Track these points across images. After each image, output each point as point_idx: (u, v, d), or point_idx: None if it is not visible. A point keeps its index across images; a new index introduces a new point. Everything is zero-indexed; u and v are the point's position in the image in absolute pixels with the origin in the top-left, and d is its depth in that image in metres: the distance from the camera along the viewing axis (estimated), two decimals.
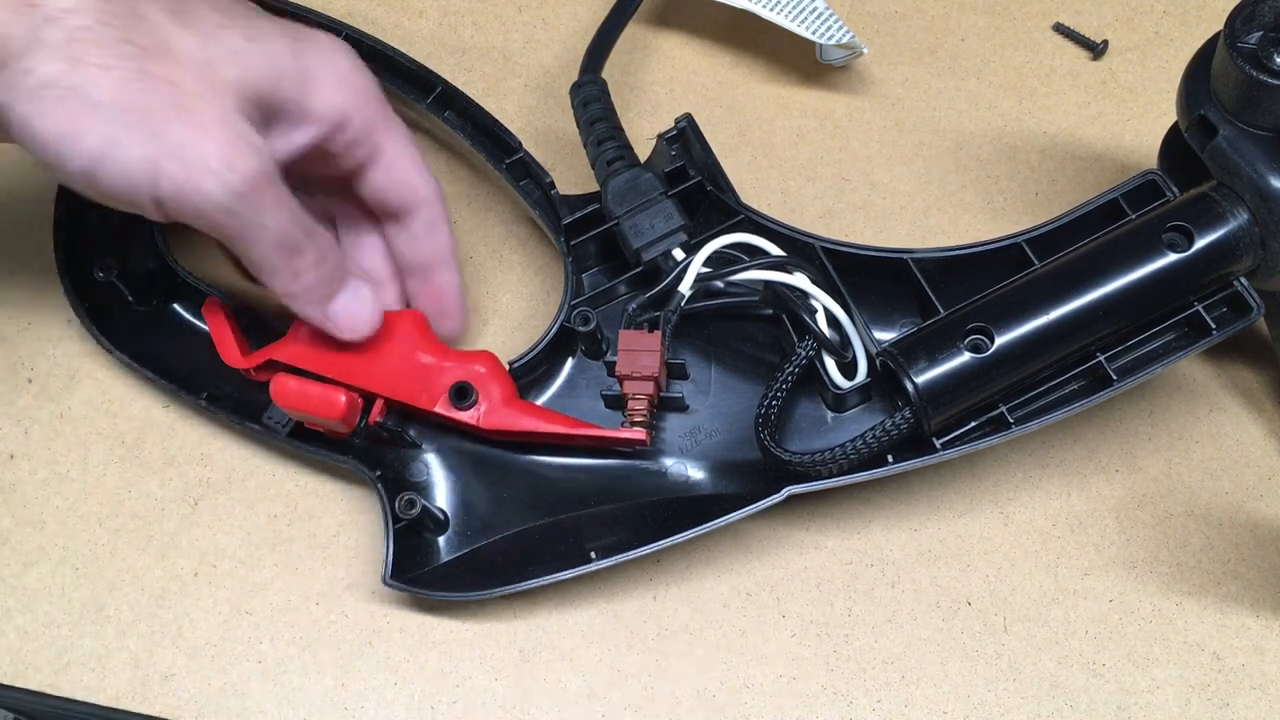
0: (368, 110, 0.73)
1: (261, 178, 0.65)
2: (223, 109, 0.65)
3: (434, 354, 0.77)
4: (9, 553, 0.79)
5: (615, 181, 0.79)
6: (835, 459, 0.71)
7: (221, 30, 0.67)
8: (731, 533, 0.79)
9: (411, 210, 0.77)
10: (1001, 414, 0.72)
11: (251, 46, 0.68)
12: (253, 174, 0.65)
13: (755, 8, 0.89)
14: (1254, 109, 0.69)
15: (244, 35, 0.68)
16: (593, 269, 0.82)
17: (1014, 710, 0.75)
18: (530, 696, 0.76)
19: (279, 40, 0.69)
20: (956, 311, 0.72)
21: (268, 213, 0.67)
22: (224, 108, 0.65)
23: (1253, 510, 0.80)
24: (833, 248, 0.77)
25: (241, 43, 0.67)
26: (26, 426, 0.83)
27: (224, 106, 0.65)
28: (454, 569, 0.76)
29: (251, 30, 0.69)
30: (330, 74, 0.71)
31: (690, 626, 0.77)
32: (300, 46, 0.70)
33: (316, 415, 0.74)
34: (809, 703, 0.75)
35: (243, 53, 0.67)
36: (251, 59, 0.67)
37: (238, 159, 0.64)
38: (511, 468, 0.78)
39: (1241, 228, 0.70)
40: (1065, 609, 0.77)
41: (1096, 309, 0.70)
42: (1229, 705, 0.75)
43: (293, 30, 0.71)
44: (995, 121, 0.92)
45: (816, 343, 0.74)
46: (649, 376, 0.73)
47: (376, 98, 0.74)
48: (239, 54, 0.67)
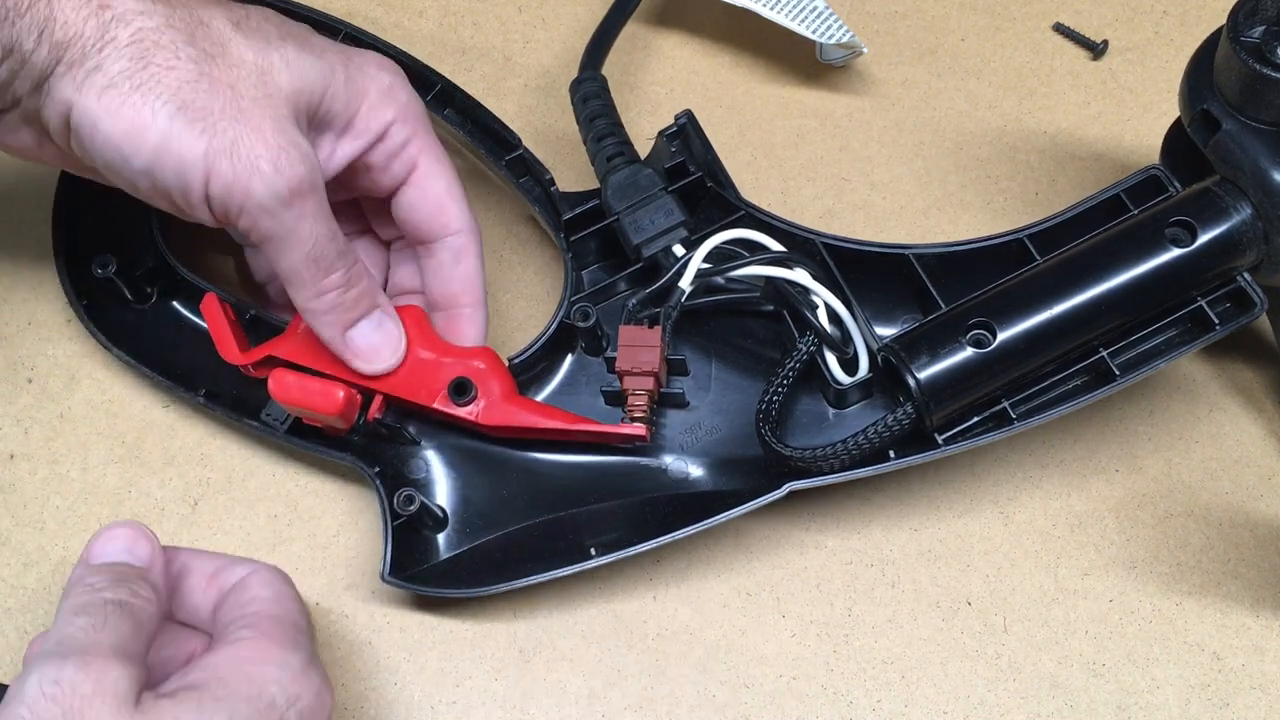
0: (409, 124, 0.74)
1: (306, 185, 0.67)
2: (276, 114, 0.67)
3: (433, 350, 0.76)
4: (9, 553, 0.79)
5: (615, 177, 0.79)
6: (837, 454, 0.71)
7: (279, 41, 0.69)
8: (732, 533, 0.79)
9: (441, 236, 0.77)
10: (1004, 409, 0.72)
11: (306, 58, 0.70)
12: (299, 179, 0.67)
13: (755, 7, 0.89)
14: (1257, 103, 0.69)
15: (299, 47, 0.70)
16: (592, 265, 0.82)
17: (1014, 710, 0.75)
18: (530, 696, 0.76)
19: (332, 54, 0.72)
20: (958, 307, 0.72)
21: (307, 221, 0.68)
22: (277, 113, 0.67)
23: (1253, 510, 0.80)
24: (834, 243, 0.77)
25: (297, 54, 0.69)
26: (26, 426, 0.83)
27: (278, 112, 0.67)
28: (453, 566, 0.76)
29: (306, 44, 0.71)
30: (377, 88, 0.73)
31: (690, 626, 0.77)
32: (351, 62, 0.73)
33: (315, 410, 0.74)
34: (809, 703, 0.75)
35: (297, 63, 0.69)
36: (306, 69, 0.69)
37: (286, 163, 0.66)
38: (511, 464, 0.78)
39: (1245, 222, 0.70)
40: (1065, 609, 0.77)
41: (1099, 304, 0.70)
42: (1229, 705, 0.75)
43: (345, 48, 0.74)
44: (995, 121, 0.92)
45: (818, 338, 0.74)
46: (649, 372, 0.73)
47: (419, 115, 0.75)
48: (294, 64, 0.69)
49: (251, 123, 0.66)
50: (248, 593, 0.70)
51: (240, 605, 0.69)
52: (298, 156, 0.67)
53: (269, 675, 0.64)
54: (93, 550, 0.67)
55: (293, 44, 0.70)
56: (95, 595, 0.63)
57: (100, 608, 0.62)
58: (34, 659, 0.60)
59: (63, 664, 0.59)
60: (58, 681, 0.58)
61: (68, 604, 0.63)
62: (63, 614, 0.63)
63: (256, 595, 0.69)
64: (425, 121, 0.76)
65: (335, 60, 0.71)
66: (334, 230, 0.70)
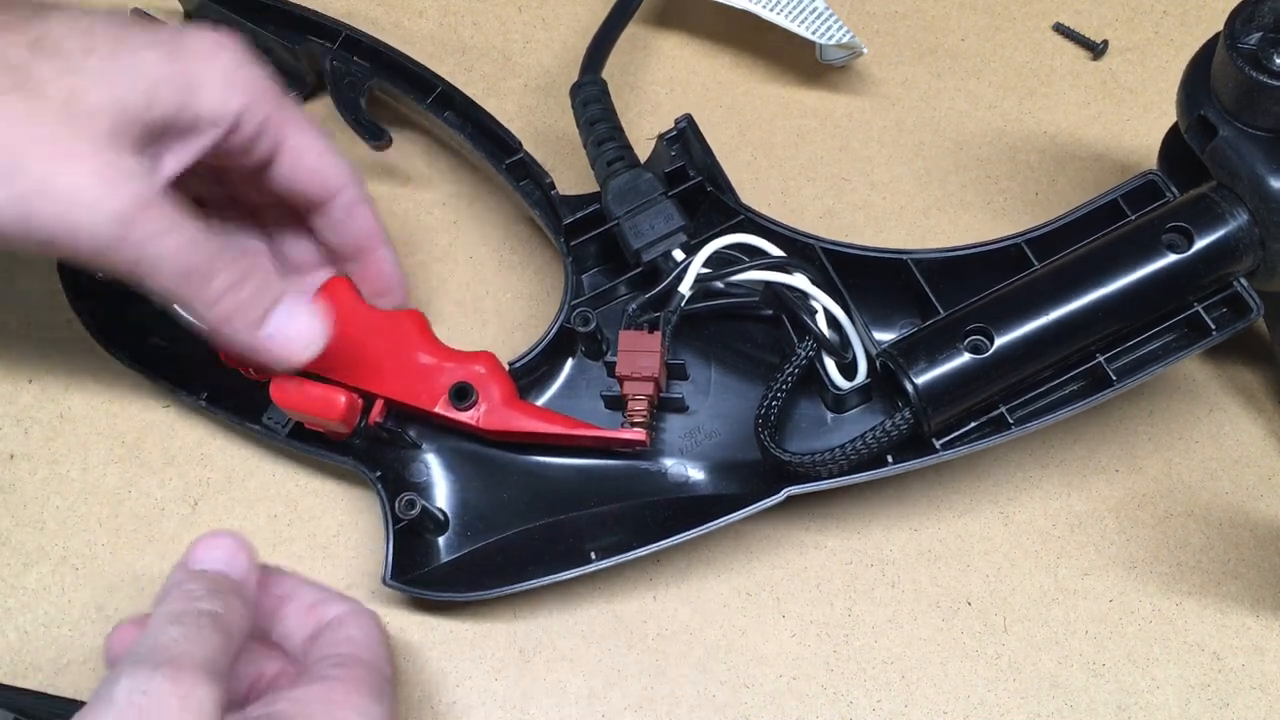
0: (262, 105, 0.70)
1: (143, 203, 0.63)
2: (92, 137, 0.62)
3: (434, 354, 0.77)
4: (9, 553, 0.79)
5: (615, 182, 0.79)
6: (835, 460, 0.72)
7: (85, 55, 0.64)
8: (731, 533, 0.79)
9: (327, 198, 0.75)
10: (1001, 414, 0.72)
11: (118, 66, 0.64)
12: (132, 201, 0.63)
13: (755, 8, 0.89)
14: (1253, 110, 0.69)
15: (110, 56, 0.64)
16: (593, 269, 0.82)
17: (1014, 710, 0.75)
18: (530, 696, 0.76)
19: (150, 53, 0.66)
20: (956, 312, 0.72)
21: (159, 239, 0.64)
22: (94, 135, 0.62)
23: (1253, 510, 0.80)
24: (832, 248, 0.78)
25: (107, 65, 0.64)
26: (26, 426, 0.83)
27: (94, 134, 0.62)
28: (454, 569, 0.76)
29: (118, 49, 0.65)
30: (215, 75, 0.68)
31: (690, 626, 0.78)
32: (177, 54, 0.67)
33: (316, 416, 0.74)
34: (809, 703, 0.76)
35: (109, 75, 0.64)
36: (120, 80, 0.64)
37: (113, 188, 0.62)
38: (511, 468, 0.78)
39: (1241, 228, 0.70)
40: (1065, 609, 0.77)
41: (1096, 310, 0.70)
42: (1229, 705, 0.75)
43: (168, 39, 0.67)
44: (995, 121, 0.92)
45: (816, 343, 0.74)
46: (649, 377, 0.73)
47: (268, 90, 0.71)
48: (105, 77, 0.64)
49: (64, 152, 0.62)
50: (343, 630, 0.69)
51: (334, 643, 0.69)
52: (121, 177, 0.62)
53: (347, 716, 0.64)
54: (194, 555, 0.66)
55: (101, 55, 0.64)
56: (192, 604, 0.62)
57: (195, 618, 0.62)
58: (125, 663, 0.59)
59: (153, 674, 0.58)
60: (146, 692, 0.58)
61: (164, 609, 0.62)
62: (158, 619, 0.62)
63: (351, 635, 0.69)
64: (276, 93, 0.71)
65: (157, 58, 0.65)
66: (196, 236, 0.65)
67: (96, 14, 0.66)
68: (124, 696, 0.57)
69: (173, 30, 0.68)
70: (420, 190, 0.90)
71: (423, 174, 0.91)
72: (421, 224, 0.89)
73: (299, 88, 0.92)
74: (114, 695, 0.57)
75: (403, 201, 0.90)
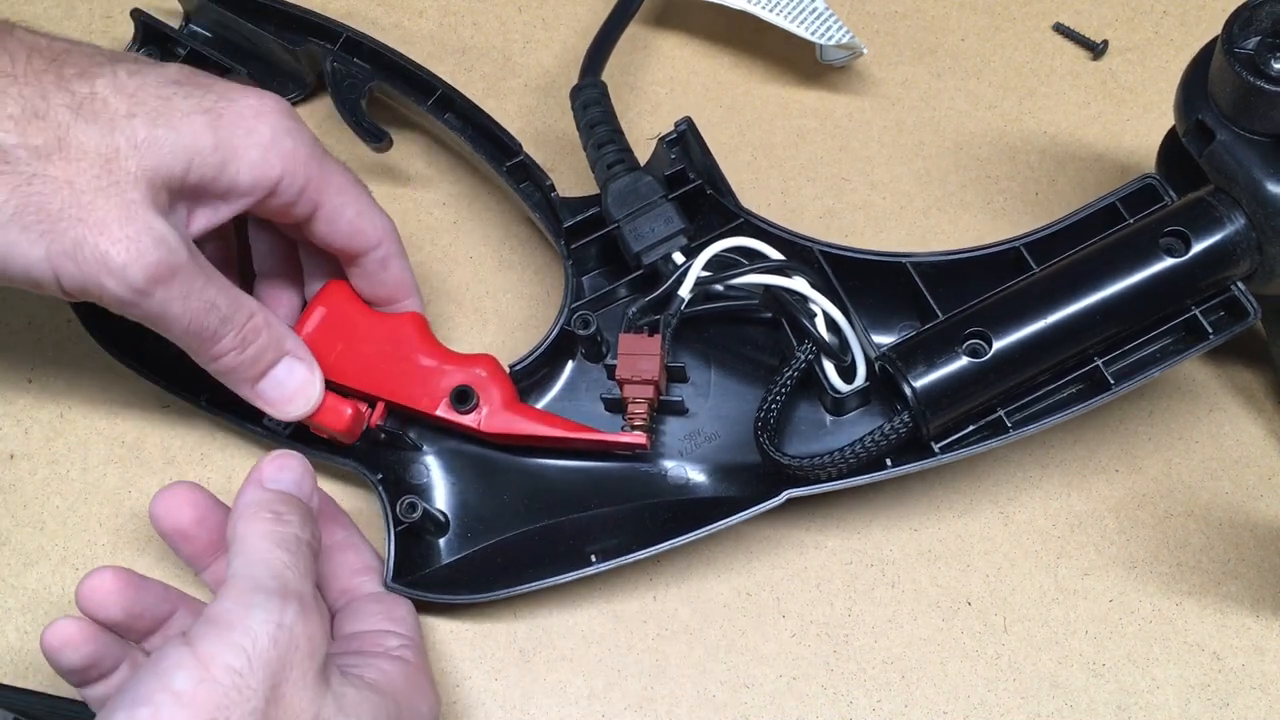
0: (300, 171, 0.72)
1: (165, 269, 0.66)
2: (125, 201, 0.65)
3: (434, 357, 0.77)
4: (9, 553, 0.79)
5: (615, 185, 0.79)
6: (834, 463, 0.72)
7: (128, 120, 0.66)
8: (732, 533, 0.79)
9: (361, 254, 0.77)
10: (1000, 418, 0.73)
11: (160, 133, 0.66)
12: (154, 267, 0.65)
13: (755, 8, 0.89)
14: (1251, 114, 0.69)
15: (152, 121, 0.67)
16: (593, 272, 0.82)
17: (1014, 710, 0.75)
18: (530, 696, 0.76)
19: (193, 120, 0.68)
20: (955, 316, 0.73)
21: (176, 303, 0.67)
22: (126, 201, 0.65)
23: (1253, 510, 0.80)
24: (832, 251, 0.78)
25: (149, 130, 0.66)
26: (26, 426, 0.83)
27: (126, 199, 0.65)
28: (455, 571, 0.77)
29: (163, 113, 0.67)
30: (254, 144, 0.70)
31: (690, 626, 0.78)
32: (220, 123, 0.69)
33: (322, 425, 0.74)
34: (809, 703, 0.76)
35: (150, 141, 0.66)
36: (160, 146, 0.66)
37: (138, 253, 0.65)
38: (511, 470, 0.79)
39: (1238, 232, 0.70)
40: (1065, 609, 0.78)
41: (1094, 313, 0.70)
42: (1229, 705, 0.75)
43: (214, 104, 0.69)
44: (995, 121, 0.92)
45: (815, 346, 0.74)
46: (649, 380, 0.73)
47: (308, 157, 0.72)
48: (145, 143, 0.66)
49: (95, 218, 0.64)
50: (400, 609, 0.73)
51: (396, 619, 0.72)
52: (150, 244, 0.65)
53: (425, 708, 0.68)
54: (266, 473, 0.67)
55: (144, 119, 0.66)
56: (289, 530, 0.64)
57: (297, 546, 0.64)
58: (242, 587, 0.61)
59: (285, 607, 0.60)
60: (281, 625, 0.59)
61: (259, 528, 0.64)
62: (260, 540, 0.63)
63: (407, 617, 0.73)
64: (316, 158, 0.73)
65: (199, 125, 0.68)
66: (211, 301, 0.69)
67: (148, 73, 0.68)
68: (263, 629, 0.59)
69: (220, 92, 0.70)
70: (420, 190, 0.90)
71: (423, 174, 0.91)
72: (421, 224, 0.89)
73: (299, 89, 0.92)
74: (251, 625, 0.58)
75: (403, 201, 0.90)
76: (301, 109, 0.93)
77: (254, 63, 0.91)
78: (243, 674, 0.57)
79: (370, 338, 0.77)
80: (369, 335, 0.77)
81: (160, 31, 0.89)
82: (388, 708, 0.64)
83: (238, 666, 0.57)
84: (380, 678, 0.65)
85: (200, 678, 0.57)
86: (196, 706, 0.56)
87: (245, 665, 0.57)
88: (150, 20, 0.89)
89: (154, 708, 0.56)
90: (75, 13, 0.96)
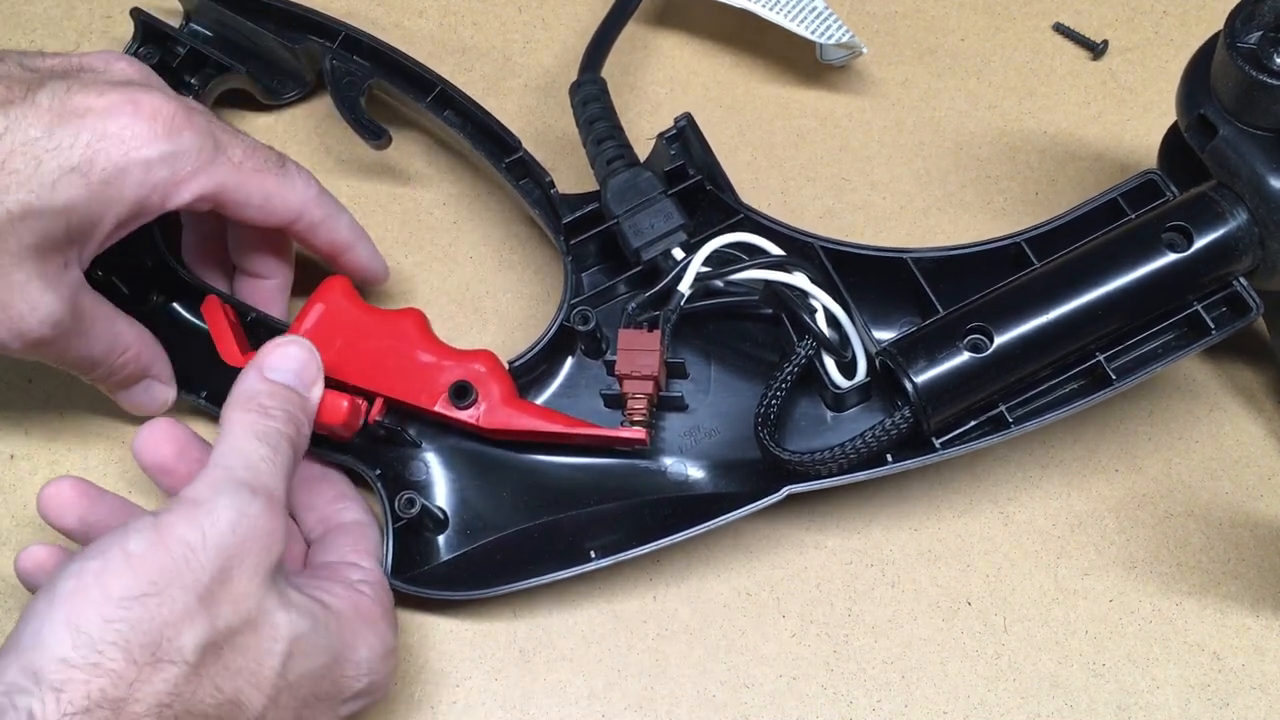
0: (189, 184, 0.72)
1: (45, 338, 0.70)
2: (9, 284, 0.68)
3: (433, 353, 0.77)
4: (9, 553, 0.79)
5: (615, 181, 0.79)
6: (834, 458, 0.72)
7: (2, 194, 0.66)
8: (731, 532, 0.79)
9: (284, 228, 0.78)
10: (1001, 413, 0.72)
11: (35, 204, 0.67)
12: (33, 341, 0.70)
13: (755, 7, 0.89)
14: (1253, 109, 0.69)
15: (26, 189, 0.67)
16: (592, 268, 0.82)
17: (1014, 710, 0.75)
18: (530, 696, 0.76)
19: (66, 181, 0.68)
20: (956, 311, 0.72)
21: (59, 348, 0.72)
22: (10, 282, 0.68)
23: (1253, 510, 0.80)
24: (832, 247, 0.78)
25: (23, 202, 0.66)
26: (26, 427, 0.83)
27: (10, 280, 0.68)
28: (454, 568, 0.76)
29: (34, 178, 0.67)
30: (133, 183, 0.70)
31: (690, 626, 0.78)
32: (93, 169, 0.68)
33: (319, 419, 0.74)
34: (809, 703, 0.76)
35: (26, 213, 0.67)
36: (38, 218, 0.67)
37: (19, 333, 0.69)
38: (511, 466, 0.78)
39: (1241, 228, 0.70)
40: (1065, 609, 0.77)
41: (1096, 309, 0.70)
42: (1229, 705, 0.75)
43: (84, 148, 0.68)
44: (995, 121, 0.92)
45: (816, 342, 0.74)
46: (648, 376, 0.73)
47: (196, 160, 0.72)
48: (22, 216, 0.67)
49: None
50: (368, 541, 0.75)
51: (362, 553, 0.74)
52: (34, 322, 0.69)
53: (369, 640, 0.68)
54: (268, 361, 0.69)
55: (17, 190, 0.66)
56: (273, 424, 0.67)
57: (277, 441, 0.66)
58: (217, 476, 0.63)
59: (253, 499, 0.62)
60: (244, 514, 0.61)
61: (245, 418, 0.66)
62: (242, 429, 0.66)
63: (374, 551, 0.75)
64: (206, 156, 0.72)
65: (73, 186, 0.68)
66: (86, 352, 0.74)
67: (17, 126, 0.67)
68: (225, 514, 0.60)
69: (92, 125, 0.68)
70: (420, 190, 0.90)
71: (423, 174, 0.91)
72: (421, 224, 0.89)
73: (299, 87, 0.92)
74: (216, 511, 0.60)
75: (403, 201, 0.90)
76: (301, 108, 0.93)
77: (254, 61, 0.91)
78: (194, 549, 0.59)
79: (369, 334, 0.77)
80: (368, 331, 0.77)
81: (160, 30, 0.88)
82: (328, 627, 0.65)
83: (191, 541, 0.59)
84: (329, 599, 0.67)
85: (153, 543, 0.59)
86: (142, 568, 0.58)
87: (199, 541, 0.59)
88: (150, 19, 0.88)
89: (104, 560, 0.58)
90: (75, 12, 0.96)
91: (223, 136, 0.73)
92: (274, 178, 0.75)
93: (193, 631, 0.58)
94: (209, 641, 0.58)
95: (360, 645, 0.67)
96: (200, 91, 0.88)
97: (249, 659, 0.60)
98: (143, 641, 0.57)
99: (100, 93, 0.69)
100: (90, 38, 0.95)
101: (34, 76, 0.69)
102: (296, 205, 0.77)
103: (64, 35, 0.95)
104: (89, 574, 0.58)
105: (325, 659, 0.64)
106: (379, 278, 0.83)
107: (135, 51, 0.88)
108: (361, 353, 0.76)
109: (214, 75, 0.89)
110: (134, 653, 0.56)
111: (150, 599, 0.57)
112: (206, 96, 0.89)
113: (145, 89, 0.71)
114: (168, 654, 0.57)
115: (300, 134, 0.92)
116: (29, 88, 0.68)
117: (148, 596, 0.57)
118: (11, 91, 0.67)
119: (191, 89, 0.88)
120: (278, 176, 0.76)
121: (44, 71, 0.70)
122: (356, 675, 0.66)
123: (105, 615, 0.56)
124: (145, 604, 0.57)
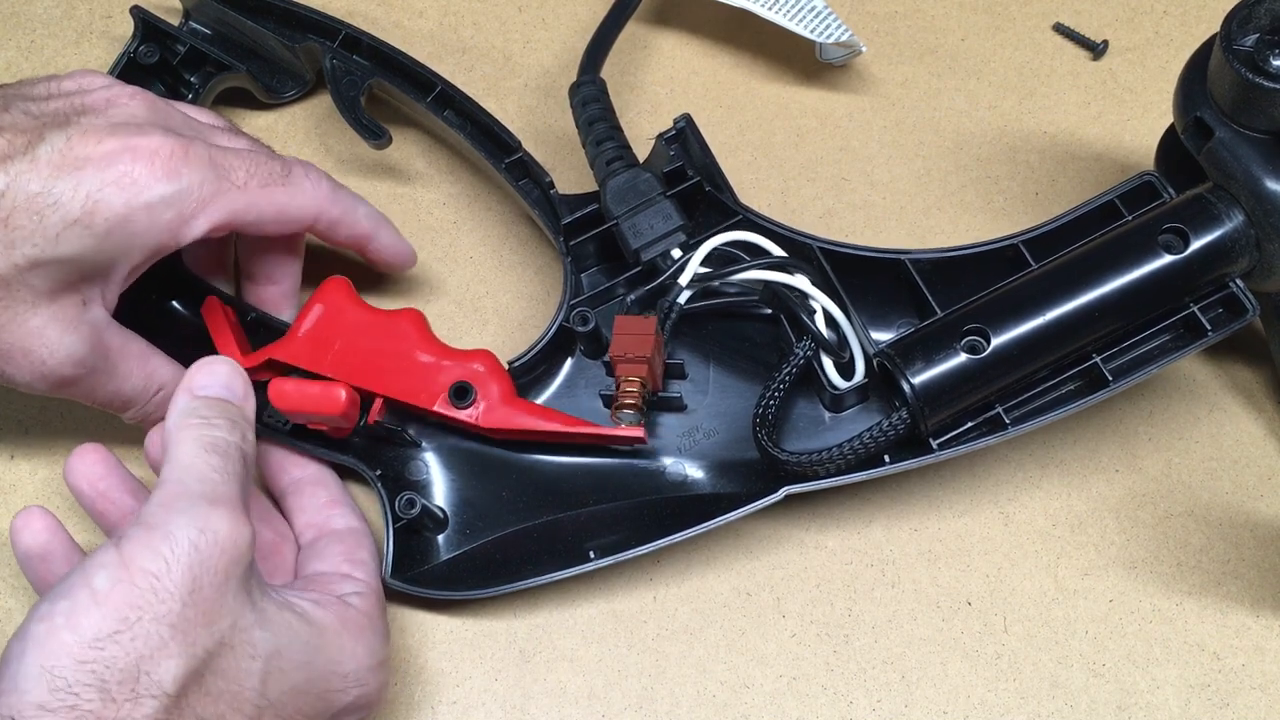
0: (202, 215, 0.72)
1: (68, 379, 0.72)
2: (25, 332, 0.69)
3: (433, 353, 0.77)
4: (9, 553, 0.79)
5: (614, 181, 0.79)
6: (833, 459, 0.72)
7: (8, 251, 0.67)
8: (731, 532, 0.79)
9: (306, 229, 0.79)
10: (998, 414, 0.72)
11: (41, 255, 0.68)
12: (56, 382, 0.71)
13: (754, 7, 0.89)
14: (1250, 111, 0.69)
15: (32, 244, 0.67)
16: (592, 269, 0.82)
17: (1014, 710, 0.75)
18: (530, 696, 0.76)
19: (70, 233, 0.68)
20: (953, 312, 0.72)
21: (83, 388, 0.73)
22: (27, 330, 0.69)
23: (1253, 510, 0.80)
24: (830, 248, 0.78)
25: (31, 256, 0.68)
26: (27, 426, 0.83)
27: (27, 329, 0.69)
28: (453, 567, 0.77)
29: (39, 232, 0.68)
30: (140, 228, 0.70)
31: (690, 626, 0.78)
32: (96, 213, 0.68)
33: (318, 413, 0.74)
34: (809, 703, 0.76)
35: (35, 264, 0.68)
36: (46, 268, 0.68)
37: (41, 375, 0.71)
38: (510, 466, 0.79)
39: (1237, 229, 0.70)
40: (1065, 609, 0.77)
41: (1093, 310, 0.70)
42: (1229, 705, 0.75)
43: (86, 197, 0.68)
44: (995, 121, 0.92)
45: (814, 343, 0.74)
46: (641, 358, 0.73)
47: (200, 188, 0.72)
48: (32, 266, 0.68)
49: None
50: (362, 551, 0.74)
51: (356, 563, 0.74)
52: (53, 365, 0.70)
53: (356, 651, 0.67)
54: (196, 381, 0.68)
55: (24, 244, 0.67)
56: (218, 434, 0.66)
57: (225, 449, 0.65)
58: (169, 493, 0.62)
59: (211, 512, 0.61)
60: (204, 530, 0.60)
61: (190, 434, 0.65)
62: (189, 445, 0.65)
63: (368, 561, 0.75)
64: (211, 180, 0.73)
65: (78, 237, 0.68)
66: (116, 390, 0.75)
67: (21, 180, 0.67)
68: (184, 534, 0.60)
69: (96, 170, 0.69)
70: (420, 190, 0.90)
71: (423, 174, 0.91)
72: (421, 224, 0.89)
73: (299, 86, 0.92)
74: (173, 531, 0.60)
75: (403, 201, 0.90)
76: (301, 107, 0.93)
77: (253, 60, 0.91)
78: (159, 577, 0.58)
79: (368, 334, 0.77)
80: (367, 332, 0.77)
81: (160, 29, 0.88)
82: (309, 641, 0.64)
83: (154, 570, 0.58)
84: (312, 610, 0.66)
85: (118, 578, 0.58)
86: (111, 606, 0.57)
87: (163, 569, 0.59)
88: (150, 18, 0.88)
89: (72, 602, 0.58)
90: (75, 12, 0.96)
91: (223, 160, 0.73)
92: (282, 188, 0.75)
93: (170, 663, 0.58)
94: (188, 671, 0.58)
95: (346, 658, 0.66)
96: (200, 90, 0.89)
97: (229, 681, 0.60)
98: (119, 679, 0.56)
99: (99, 140, 0.69)
100: (90, 37, 0.95)
101: (36, 124, 0.69)
102: (311, 208, 0.77)
103: (64, 35, 0.95)
104: (58, 615, 0.57)
105: (307, 674, 0.64)
106: (406, 263, 0.84)
107: (135, 50, 0.88)
108: (361, 353, 0.76)
109: (214, 74, 0.89)
110: (111, 691, 0.56)
111: (123, 635, 0.57)
112: (206, 95, 0.89)
113: (141, 131, 0.71)
114: (147, 688, 0.57)
115: (300, 133, 0.92)
116: (30, 141, 0.68)
117: (119, 633, 0.57)
118: (13, 145, 0.67)
119: (191, 87, 0.89)
120: (285, 185, 0.76)
121: (47, 117, 0.70)
122: (344, 689, 0.66)
123: (78, 657, 0.56)
124: (118, 641, 0.57)
